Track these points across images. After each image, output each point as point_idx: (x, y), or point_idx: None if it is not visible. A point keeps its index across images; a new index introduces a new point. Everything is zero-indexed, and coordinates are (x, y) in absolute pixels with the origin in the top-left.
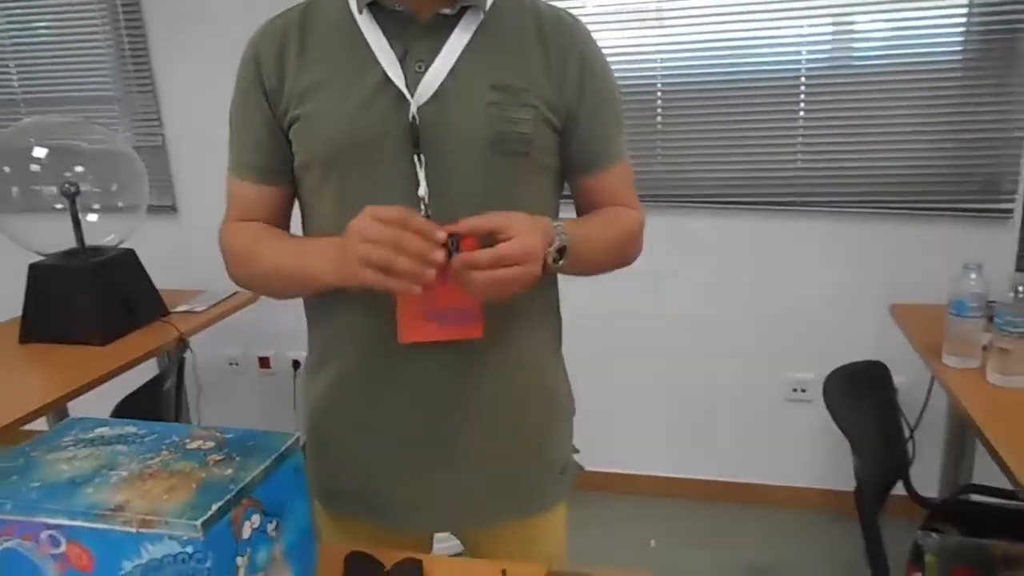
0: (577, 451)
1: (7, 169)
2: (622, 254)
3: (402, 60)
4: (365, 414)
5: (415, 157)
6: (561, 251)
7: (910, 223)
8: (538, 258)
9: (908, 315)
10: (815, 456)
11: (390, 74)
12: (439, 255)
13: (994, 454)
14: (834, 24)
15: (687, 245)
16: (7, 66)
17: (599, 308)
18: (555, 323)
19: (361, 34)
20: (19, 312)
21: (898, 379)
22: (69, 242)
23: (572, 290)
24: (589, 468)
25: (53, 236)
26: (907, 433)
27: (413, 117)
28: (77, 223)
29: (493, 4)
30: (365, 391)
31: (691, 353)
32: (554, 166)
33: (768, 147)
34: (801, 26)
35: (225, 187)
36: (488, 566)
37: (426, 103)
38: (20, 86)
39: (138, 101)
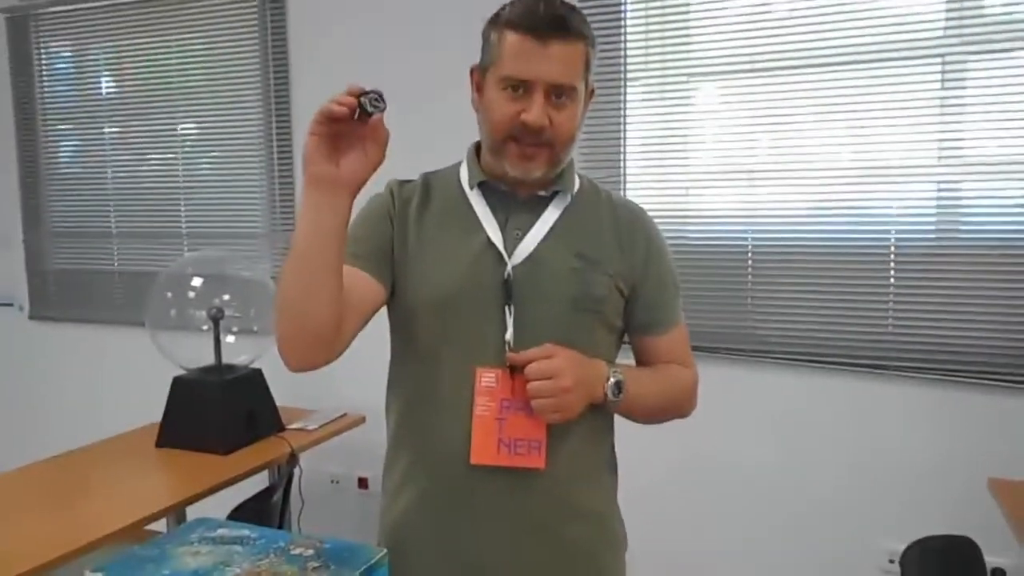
0: None
1: (169, 295)
2: (676, 403)
3: (503, 227)
4: (438, 533)
5: (506, 307)
6: (618, 386)
7: (1009, 395)
8: (569, 379)
9: (1006, 491)
10: None
11: (492, 238)
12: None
13: None
14: (925, 194)
15: (774, 401)
16: (178, 202)
17: (679, 456)
18: (610, 463)
19: (471, 205)
20: (159, 417)
21: (997, 559)
22: (209, 358)
23: (655, 438)
24: None
25: (196, 352)
26: None
27: (508, 274)
28: (218, 343)
29: (578, 192)
30: (441, 509)
31: (773, 513)
32: (619, 325)
33: (858, 310)
34: (891, 195)
35: None
36: None
37: (520, 263)
38: (186, 221)
39: (280, 238)
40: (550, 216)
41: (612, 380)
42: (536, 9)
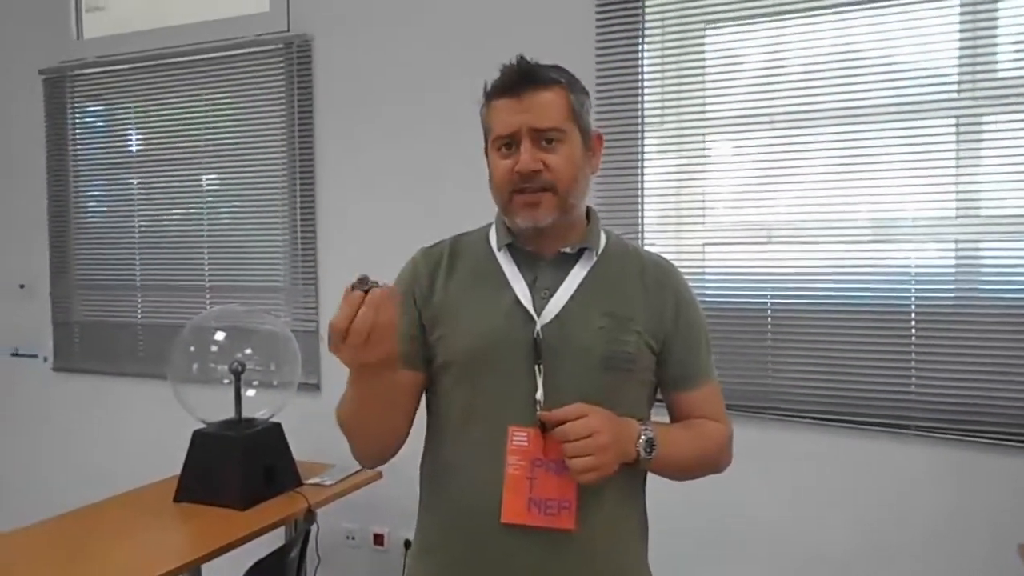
0: None
1: (192, 348)
2: (710, 460)
3: (531, 287)
4: None
5: (536, 366)
6: (649, 443)
7: None
8: (606, 437)
9: None
10: None
11: (520, 298)
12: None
13: None
14: (944, 252)
15: (794, 460)
16: (201, 256)
17: (695, 514)
18: (642, 525)
19: (499, 266)
20: (178, 470)
21: None
22: (229, 412)
23: (674, 495)
24: None
25: (216, 406)
26: None
27: (537, 333)
28: (239, 397)
29: (605, 248)
30: (474, 570)
31: (796, 572)
32: (651, 381)
33: (880, 370)
34: (910, 252)
35: None
36: None
37: (549, 323)
38: (209, 274)
39: (301, 292)
40: (578, 274)
41: (643, 438)
42: (508, 72)
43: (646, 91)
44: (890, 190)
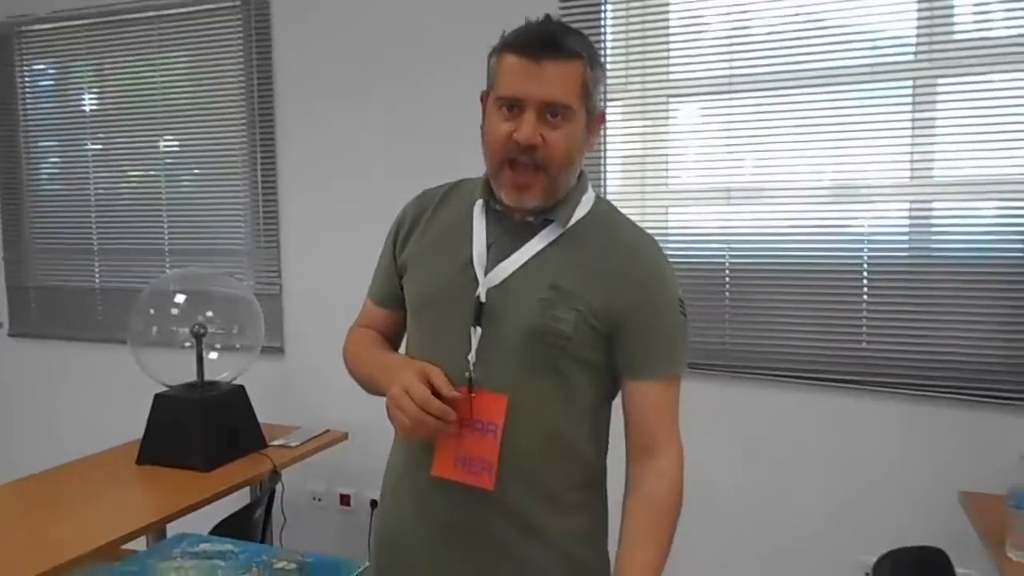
0: None
1: (152, 311)
2: (676, 522)
3: (489, 249)
4: (398, 530)
5: (472, 329)
6: None
7: (979, 410)
8: None
9: (977, 503)
10: None
11: (475, 257)
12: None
13: None
14: (898, 214)
15: (749, 416)
16: (160, 219)
17: None
18: (588, 497)
19: (472, 220)
20: (140, 434)
21: (967, 571)
22: (191, 375)
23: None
24: None
25: (178, 370)
26: None
27: (479, 296)
28: (200, 360)
29: (580, 221)
30: (401, 510)
31: (749, 529)
32: (596, 360)
33: (833, 327)
34: (864, 214)
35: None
36: None
37: (494, 287)
38: (168, 238)
39: (263, 255)
40: (536, 244)
41: None
42: (532, 30)
43: (609, 56)
44: (847, 153)
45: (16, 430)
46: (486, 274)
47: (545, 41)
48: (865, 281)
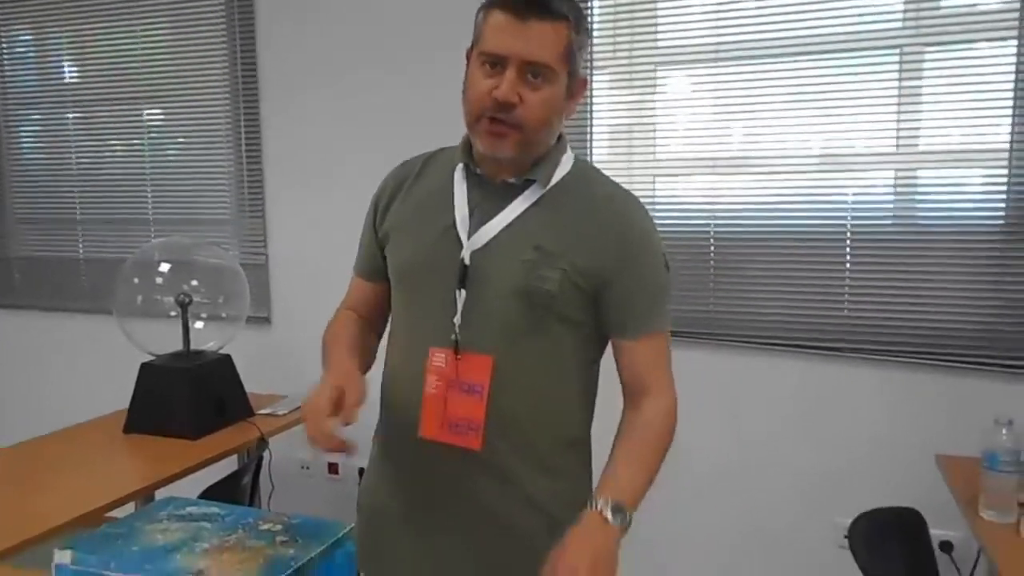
0: None
1: (136, 280)
2: (665, 452)
3: (471, 213)
4: (384, 491)
5: (457, 291)
6: (617, 513)
7: (956, 376)
8: (586, 570)
9: (953, 466)
10: None
11: (457, 221)
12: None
13: None
14: (883, 182)
15: (733, 382)
16: (144, 189)
17: None
18: (571, 460)
19: (452, 185)
20: (127, 404)
21: (942, 532)
22: (177, 345)
23: (613, 423)
24: None
25: (164, 339)
26: None
27: (463, 259)
28: (186, 329)
29: (561, 182)
30: (386, 472)
31: (731, 493)
32: (581, 319)
33: (816, 294)
34: (849, 183)
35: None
36: None
37: (477, 250)
38: (153, 207)
39: (248, 224)
40: (518, 206)
41: (611, 516)
42: None
43: (596, 24)
44: (834, 122)
45: (2, 401)
46: (469, 237)
47: (532, 0)
48: (848, 249)
